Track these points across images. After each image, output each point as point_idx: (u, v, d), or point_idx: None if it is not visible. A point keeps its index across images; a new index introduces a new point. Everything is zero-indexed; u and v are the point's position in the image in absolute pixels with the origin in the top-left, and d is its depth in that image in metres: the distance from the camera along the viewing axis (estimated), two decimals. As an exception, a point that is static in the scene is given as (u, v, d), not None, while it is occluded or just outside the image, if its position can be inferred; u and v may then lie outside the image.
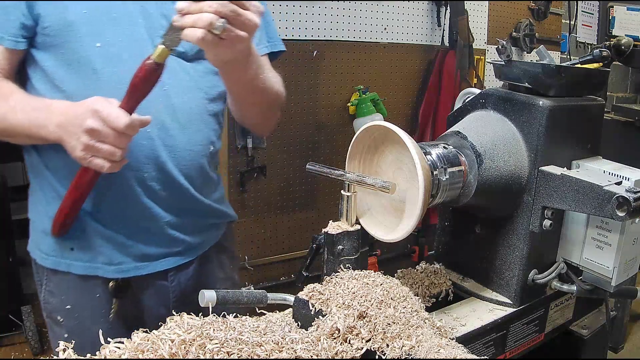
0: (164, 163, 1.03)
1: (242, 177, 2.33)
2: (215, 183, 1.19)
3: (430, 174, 0.88)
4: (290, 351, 0.69)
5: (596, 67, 1.12)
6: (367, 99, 2.49)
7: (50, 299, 1.08)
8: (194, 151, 1.06)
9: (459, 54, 2.71)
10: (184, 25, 0.82)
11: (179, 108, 1.03)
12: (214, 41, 0.82)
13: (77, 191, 0.95)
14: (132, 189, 1.02)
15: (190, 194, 1.09)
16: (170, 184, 1.05)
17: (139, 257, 1.07)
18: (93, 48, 0.96)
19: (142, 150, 1.00)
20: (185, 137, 1.04)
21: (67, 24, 0.95)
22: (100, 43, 0.96)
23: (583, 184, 0.89)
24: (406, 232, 0.87)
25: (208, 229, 1.19)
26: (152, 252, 1.08)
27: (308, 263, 1.05)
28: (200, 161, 1.09)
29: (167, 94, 1.01)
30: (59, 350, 0.65)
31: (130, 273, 1.07)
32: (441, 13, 2.78)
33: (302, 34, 2.37)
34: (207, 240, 1.19)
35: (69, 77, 0.97)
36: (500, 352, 1.03)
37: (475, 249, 1.11)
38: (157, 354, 0.64)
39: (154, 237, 1.07)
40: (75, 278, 1.06)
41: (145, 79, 0.86)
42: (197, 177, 1.09)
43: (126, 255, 1.06)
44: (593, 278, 1.01)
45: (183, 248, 1.12)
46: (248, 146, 2.31)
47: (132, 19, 0.99)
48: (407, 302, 0.80)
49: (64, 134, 0.89)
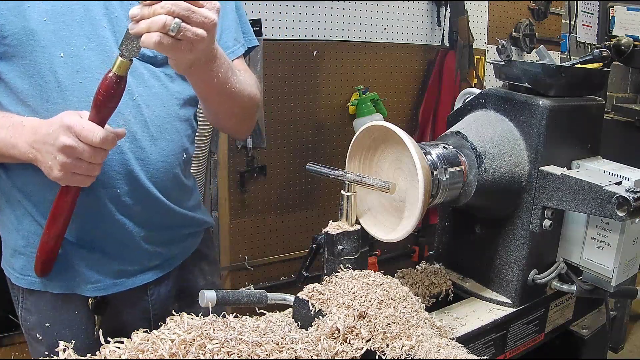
0: (137, 177, 0.99)
1: (242, 177, 2.33)
2: (190, 190, 1.16)
3: (430, 174, 0.88)
4: (290, 351, 0.69)
5: (596, 67, 1.12)
6: (367, 99, 2.49)
7: (28, 317, 1.06)
8: (167, 162, 1.03)
9: (459, 54, 2.71)
10: (140, 31, 0.78)
11: (150, 118, 0.99)
12: (172, 44, 0.78)
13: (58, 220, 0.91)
14: (105, 206, 0.98)
15: (165, 205, 1.05)
16: (143, 197, 1.01)
17: (116, 274, 1.04)
18: (56, 58, 0.91)
19: (113, 165, 0.96)
20: (157, 148, 1.01)
21: (28, 33, 0.89)
22: (63, 53, 0.91)
23: (583, 184, 0.89)
24: (406, 232, 0.87)
25: (185, 238, 1.16)
26: (129, 268, 1.05)
27: (308, 263, 1.05)
28: (173, 171, 1.05)
29: (137, 104, 0.97)
30: (59, 350, 0.65)
31: (109, 290, 1.04)
32: (441, 13, 2.78)
33: (302, 34, 2.37)
34: (184, 251, 1.17)
35: (32, 90, 0.92)
36: (500, 352, 1.03)
37: (475, 249, 1.11)
38: (157, 354, 0.64)
39: (130, 253, 1.04)
40: (52, 296, 1.03)
41: (108, 94, 0.82)
42: (172, 187, 1.06)
43: (103, 274, 1.03)
44: (593, 278, 1.01)
45: (160, 261, 1.10)
46: (248, 146, 2.31)
47: (96, 23, 0.94)
48: (407, 302, 0.80)
49: (38, 154, 0.84)
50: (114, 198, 0.98)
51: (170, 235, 1.11)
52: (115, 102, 0.84)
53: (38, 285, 1.02)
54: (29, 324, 1.06)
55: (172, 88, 1.04)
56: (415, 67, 2.80)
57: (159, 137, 1.01)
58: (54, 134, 0.82)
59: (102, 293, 1.03)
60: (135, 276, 1.06)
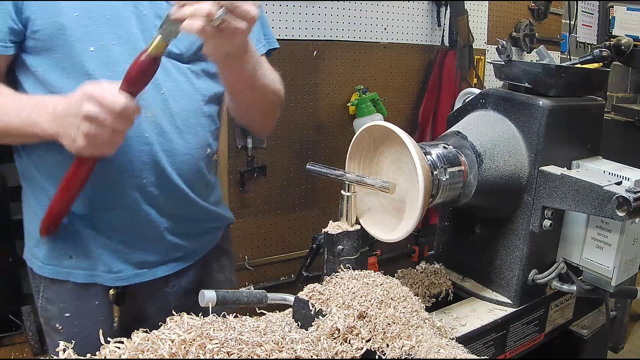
0: (163, 168, 1.01)
1: (242, 177, 2.33)
2: (213, 186, 1.19)
3: (430, 174, 0.88)
4: (290, 351, 0.69)
5: (596, 67, 1.12)
6: (367, 99, 2.49)
7: (49, 307, 1.07)
8: (192, 155, 1.05)
9: (459, 54, 2.70)
10: (183, 16, 0.81)
11: (177, 112, 1.02)
12: (214, 33, 0.82)
13: (70, 188, 0.92)
14: (131, 196, 1.01)
15: (189, 198, 1.08)
16: (169, 188, 1.04)
17: (138, 265, 1.06)
18: (86, 52, 0.94)
19: (141, 156, 0.99)
20: (183, 140, 1.03)
21: (59, 28, 0.92)
22: (93, 47, 0.94)
23: (583, 184, 0.89)
24: (406, 232, 0.87)
25: (207, 232, 1.18)
26: (152, 259, 1.07)
27: (308, 263, 1.05)
28: (198, 164, 1.08)
29: (165, 98, 1.01)
30: (59, 350, 0.65)
31: (130, 280, 1.05)
32: (441, 13, 2.78)
33: (302, 34, 2.37)
34: (206, 244, 1.19)
35: (62, 82, 0.94)
36: (500, 352, 1.03)
37: (475, 249, 1.11)
38: (157, 354, 0.64)
39: (153, 244, 1.06)
40: (74, 286, 1.04)
41: (142, 72, 0.85)
42: (196, 180, 1.09)
43: (126, 263, 1.05)
44: (593, 278, 1.01)
45: (182, 253, 1.12)
46: (248, 146, 2.31)
47: (125, 20, 0.97)
48: (407, 302, 0.80)
49: (60, 128, 0.86)
50: (141, 188, 1.01)
51: (193, 228, 1.13)
52: (147, 81, 0.86)
53: (60, 275, 1.04)
54: (49, 314, 1.07)
55: (198, 84, 1.07)
56: (415, 67, 2.80)
57: (185, 131, 1.04)
58: (76, 105, 0.83)
59: (123, 283, 1.05)
60: (157, 267, 1.08)
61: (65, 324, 1.06)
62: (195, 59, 1.06)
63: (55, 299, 1.06)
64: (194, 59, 1.06)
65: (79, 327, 1.05)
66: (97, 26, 0.95)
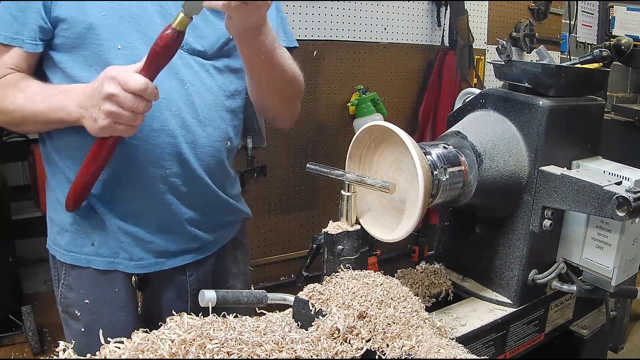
0: (186, 159, 1.04)
1: (242, 177, 2.33)
2: (234, 179, 1.22)
3: (430, 174, 0.88)
4: (290, 351, 0.69)
5: (596, 67, 1.12)
6: (367, 99, 2.49)
7: (68, 293, 1.09)
8: (214, 147, 1.08)
9: (459, 54, 2.71)
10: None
11: (199, 106, 1.05)
12: (239, 6, 0.84)
13: (93, 165, 0.95)
14: (155, 186, 1.04)
15: (211, 189, 1.11)
16: (192, 180, 1.07)
17: (158, 254, 1.09)
18: (114, 50, 0.97)
19: (165, 147, 1.02)
20: (205, 133, 1.06)
21: (87, 27, 0.96)
22: (120, 45, 0.98)
23: (583, 184, 0.89)
24: (406, 232, 0.87)
25: (225, 225, 1.21)
26: (172, 249, 1.10)
27: (308, 263, 1.04)
28: (220, 157, 1.11)
29: (188, 92, 1.04)
30: (59, 350, 0.65)
31: (151, 268, 1.08)
32: (441, 13, 2.78)
33: (302, 34, 2.37)
34: (224, 236, 1.22)
35: (90, 78, 0.96)
36: (500, 352, 1.03)
37: (475, 249, 1.11)
38: (157, 354, 0.64)
39: (174, 234, 1.09)
40: (95, 273, 1.07)
41: (166, 46, 0.86)
42: (218, 173, 1.12)
43: (147, 251, 1.07)
44: (593, 278, 1.01)
45: (201, 244, 1.15)
46: (248, 146, 2.30)
47: (152, 19, 1.00)
48: (407, 302, 0.80)
49: (84, 111, 0.90)
50: (164, 178, 1.04)
51: (213, 221, 1.16)
52: (170, 56, 0.88)
53: (82, 261, 1.07)
54: (69, 300, 1.10)
55: (220, 80, 1.10)
56: (415, 67, 2.80)
57: (207, 124, 1.07)
58: (99, 87, 0.88)
59: (144, 271, 1.08)
60: (176, 257, 1.11)
61: (84, 311, 1.08)
62: (218, 56, 1.08)
63: (75, 286, 1.09)
64: (217, 56, 1.08)
65: (98, 314, 1.08)
66: (124, 25, 0.98)
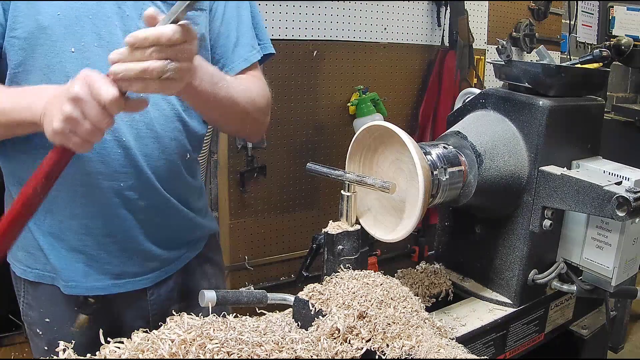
0: (141, 170, 0.99)
1: (242, 177, 2.33)
2: (196, 192, 1.16)
3: (430, 174, 0.88)
4: (290, 351, 0.69)
5: (596, 67, 1.12)
6: (367, 99, 2.49)
7: (29, 312, 1.07)
8: (169, 160, 1.03)
9: (459, 54, 2.70)
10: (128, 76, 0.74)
11: (155, 117, 1.00)
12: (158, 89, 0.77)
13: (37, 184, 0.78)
14: (109, 200, 0.99)
15: (168, 202, 1.06)
16: (147, 191, 1.02)
17: (116, 275, 1.04)
18: (67, 53, 0.91)
19: (118, 159, 0.97)
20: (159, 145, 1.01)
21: (40, 28, 0.90)
22: (74, 48, 0.91)
23: (583, 184, 0.89)
24: (406, 232, 0.87)
25: (187, 242, 1.15)
26: (130, 270, 1.05)
27: (308, 263, 1.04)
28: (176, 170, 1.06)
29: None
30: (59, 350, 0.65)
31: (107, 291, 1.04)
32: (441, 13, 2.78)
33: (302, 34, 2.37)
34: (187, 254, 1.16)
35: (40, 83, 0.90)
36: (500, 352, 1.03)
37: (475, 249, 1.11)
38: (157, 354, 0.64)
39: (130, 253, 1.04)
40: (53, 292, 1.03)
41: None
42: (175, 185, 1.07)
43: (103, 273, 1.03)
44: (593, 278, 1.01)
45: (162, 263, 1.10)
46: (248, 146, 2.30)
47: (108, 20, 0.94)
48: (407, 302, 0.80)
49: (47, 109, 0.79)
50: (119, 191, 0.99)
51: (173, 236, 1.10)
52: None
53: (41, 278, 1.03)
54: (30, 319, 1.07)
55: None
56: (415, 67, 2.80)
57: (163, 135, 1.02)
58: (70, 85, 0.76)
59: (101, 293, 1.03)
60: (135, 278, 1.06)
61: (45, 330, 1.05)
62: None
63: (35, 304, 1.05)
64: None
65: (58, 334, 1.03)
66: (79, 26, 0.92)
